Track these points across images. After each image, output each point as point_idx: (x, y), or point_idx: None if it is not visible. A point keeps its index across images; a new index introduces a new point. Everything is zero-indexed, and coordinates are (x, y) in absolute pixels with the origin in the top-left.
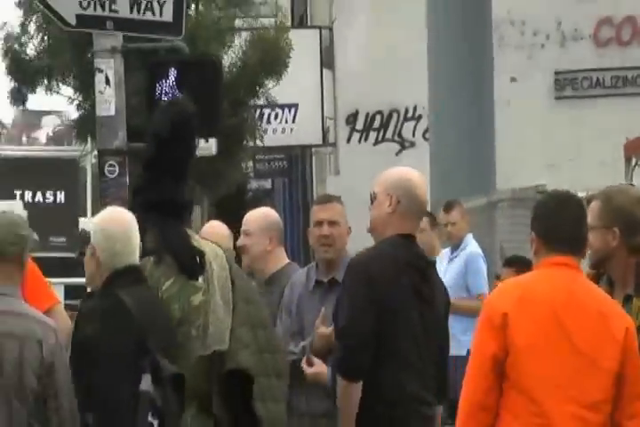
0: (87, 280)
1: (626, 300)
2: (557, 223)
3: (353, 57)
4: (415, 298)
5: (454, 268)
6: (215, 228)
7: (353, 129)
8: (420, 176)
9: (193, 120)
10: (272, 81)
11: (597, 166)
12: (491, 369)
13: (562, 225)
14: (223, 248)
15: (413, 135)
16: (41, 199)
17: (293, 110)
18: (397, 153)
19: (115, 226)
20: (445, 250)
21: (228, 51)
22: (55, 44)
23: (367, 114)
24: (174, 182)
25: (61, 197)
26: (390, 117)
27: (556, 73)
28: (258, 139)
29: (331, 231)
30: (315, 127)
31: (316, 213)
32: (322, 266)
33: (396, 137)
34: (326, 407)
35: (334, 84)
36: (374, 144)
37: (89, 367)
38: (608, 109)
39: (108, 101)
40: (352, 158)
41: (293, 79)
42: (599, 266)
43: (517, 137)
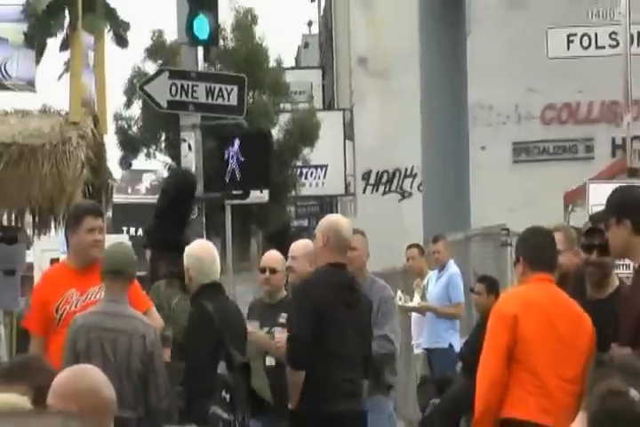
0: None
1: None
2: (539, 249)
3: (367, 131)
4: (345, 309)
5: (440, 284)
6: (273, 254)
7: (367, 183)
8: (346, 221)
9: (193, 186)
10: (308, 148)
11: (545, 211)
12: (504, 355)
13: (542, 251)
14: None
15: (411, 188)
16: (140, 233)
17: (324, 169)
18: (399, 201)
19: (203, 253)
20: (434, 271)
21: (276, 127)
22: (151, 122)
23: (377, 172)
24: (176, 227)
25: None
26: (394, 175)
27: (514, 144)
28: (298, 190)
29: (352, 254)
30: (339, 182)
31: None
32: None
33: (398, 189)
34: None
35: (354, 150)
36: (382, 194)
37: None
38: (552, 170)
39: (190, 163)
40: (366, 204)
41: (323, 147)
42: (563, 280)
43: (486, 190)
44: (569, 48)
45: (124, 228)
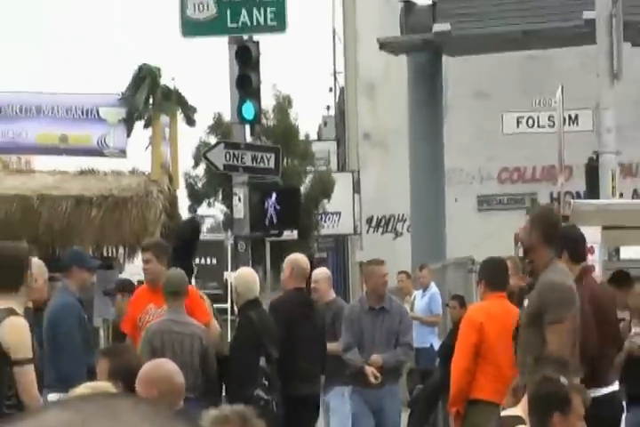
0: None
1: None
2: (495, 274)
3: (370, 187)
4: (305, 321)
5: (424, 300)
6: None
7: (370, 226)
8: (303, 258)
9: (199, 230)
10: (326, 200)
11: (500, 246)
12: (473, 351)
13: (498, 275)
14: None
15: (402, 229)
16: (204, 262)
17: (338, 215)
18: (394, 239)
19: (249, 276)
20: (419, 291)
21: (302, 184)
22: (211, 180)
23: (377, 218)
24: (187, 258)
25: (214, 261)
26: (390, 220)
27: (478, 197)
28: (319, 230)
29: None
30: (349, 224)
31: (381, 269)
32: (373, 297)
33: (393, 230)
34: None
35: (360, 201)
36: (381, 234)
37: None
38: (505, 216)
39: (239, 211)
40: (369, 241)
41: (337, 199)
42: (510, 296)
43: (458, 230)
44: (518, 127)
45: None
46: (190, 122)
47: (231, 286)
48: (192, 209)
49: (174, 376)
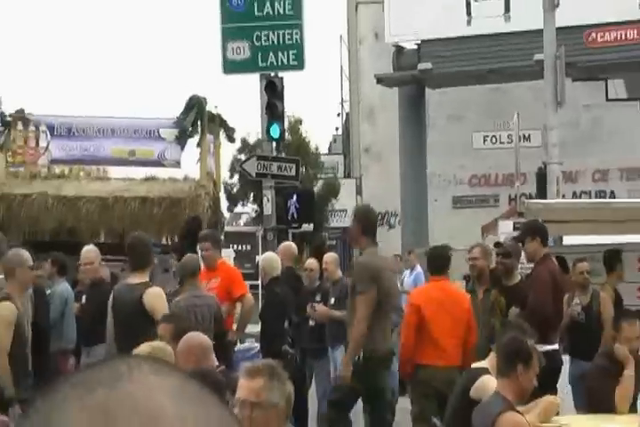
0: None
1: (485, 291)
2: (435, 260)
3: (369, 190)
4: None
5: (411, 278)
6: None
7: None
8: (291, 246)
9: (200, 226)
10: (334, 200)
11: (470, 236)
12: (415, 327)
13: (437, 261)
14: None
15: (394, 222)
16: (241, 248)
17: (344, 212)
18: (387, 230)
19: (273, 258)
20: (407, 271)
21: (315, 187)
22: (244, 186)
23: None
24: (191, 245)
25: (249, 247)
26: (385, 215)
27: (453, 197)
28: (329, 223)
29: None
30: None
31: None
32: None
33: (387, 223)
34: None
35: (361, 201)
36: (378, 226)
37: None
38: (475, 213)
39: (268, 209)
40: None
41: (343, 200)
42: (479, 276)
43: (437, 224)
44: (484, 143)
45: (232, 245)
46: (231, 139)
47: (259, 267)
48: (230, 208)
49: (202, 338)
